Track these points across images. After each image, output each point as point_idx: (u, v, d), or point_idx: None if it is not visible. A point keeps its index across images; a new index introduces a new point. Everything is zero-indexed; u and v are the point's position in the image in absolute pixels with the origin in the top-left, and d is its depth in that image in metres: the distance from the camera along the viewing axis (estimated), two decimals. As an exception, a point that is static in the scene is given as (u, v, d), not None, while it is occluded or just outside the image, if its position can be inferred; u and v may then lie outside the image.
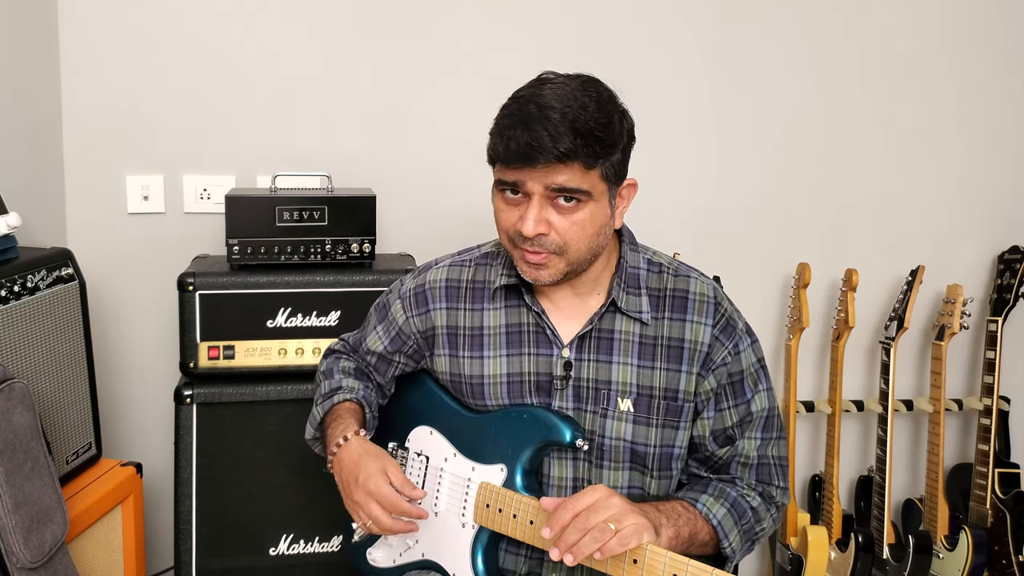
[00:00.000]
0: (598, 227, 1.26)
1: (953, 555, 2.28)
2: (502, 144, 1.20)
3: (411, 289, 1.46)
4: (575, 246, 1.25)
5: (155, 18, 2.10)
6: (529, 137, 1.17)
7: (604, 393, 1.33)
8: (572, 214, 1.22)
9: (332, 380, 1.48)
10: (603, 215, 1.26)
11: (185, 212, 2.17)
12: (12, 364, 1.56)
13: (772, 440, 1.36)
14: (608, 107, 1.23)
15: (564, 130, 1.16)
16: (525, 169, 1.20)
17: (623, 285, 1.34)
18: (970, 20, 2.37)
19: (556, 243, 1.24)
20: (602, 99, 1.23)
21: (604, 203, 1.25)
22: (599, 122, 1.19)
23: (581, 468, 1.36)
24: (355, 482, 1.29)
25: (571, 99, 1.19)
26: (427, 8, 2.18)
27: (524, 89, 1.26)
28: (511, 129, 1.19)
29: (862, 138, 2.38)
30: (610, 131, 1.21)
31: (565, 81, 1.24)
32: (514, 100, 1.24)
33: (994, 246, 2.45)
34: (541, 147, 1.16)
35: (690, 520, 1.26)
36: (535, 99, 1.20)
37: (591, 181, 1.21)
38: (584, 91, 1.22)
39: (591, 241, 1.26)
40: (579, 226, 1.23)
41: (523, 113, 1.19)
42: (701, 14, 2.28)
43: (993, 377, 2.31)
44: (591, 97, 1.21)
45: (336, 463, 1.34)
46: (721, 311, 1.34)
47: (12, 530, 1.38)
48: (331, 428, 1.39)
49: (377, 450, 1.33)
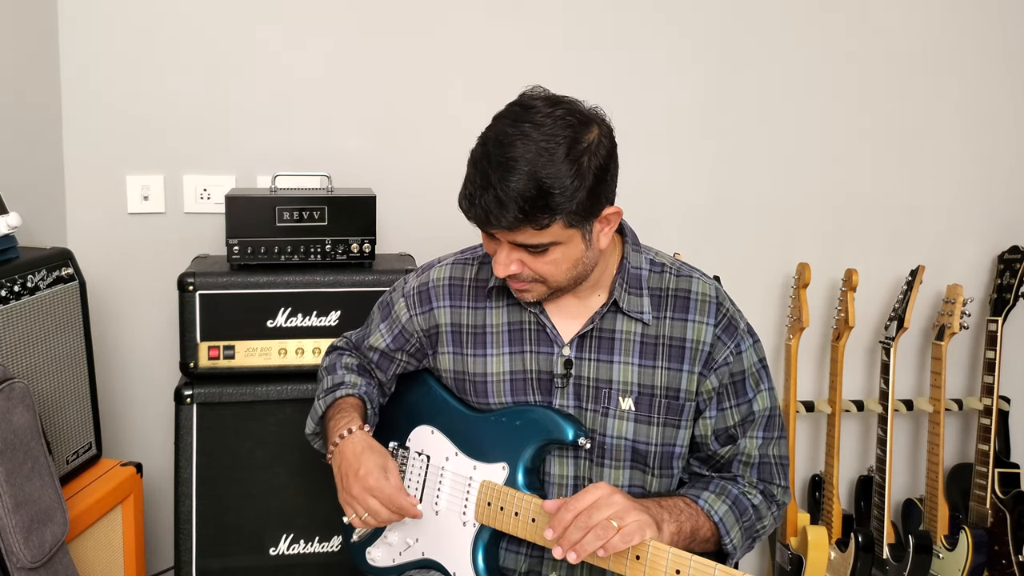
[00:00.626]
0: (573, 261, 1.26)
1: (953, 555, 2.28)
2: (464, 203, 1.22)
3: (414, 287, 1.46)
4: (553, 278, 1.27)
5: (155, 18, 2.10)
6: (484, 203, 1.19)
7: (605, 392, 1.33)
8: (543, 257, 1.24)
9: (335, 375, 1.49)
10: (576, 251, 1.25)
11: (185, 212, 2.17)
12: (12, 364, 1.56)
13: (774, 439, 1.37)
14: (573, 154, 1.18)
15: (510, 200, 1.16)
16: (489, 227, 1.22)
17: (625, 285, 1.34)
18: (970, 20, 2.37)
19: (533, 276, 1.27)
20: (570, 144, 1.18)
21: (576, 242, 1.24)
22: (546, 186, 1.16)
23: (582, 467, 1.36)
24: (354, 475, 1.29)
25: (529, 155, 1.16)
26: (427, 8, 2.18)
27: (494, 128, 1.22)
28: (471, 191, 1.21)
29: (862, 138, 2.38)
30: (565, 188, 1.17)
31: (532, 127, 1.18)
32: (482, 147, 1.22)
33: (994, 246, 2.45)
34: (494, 215, 1.18)
35: (692, 516, 1.27)
36: (497, 154, 1.18)
37: (552, 234, 1.21)
38: (552, 138, 1.17)
39: (569, 273, 1.27)
40: (553, 264, 1.25)
41: (481, 171, 1.20)
42: (700, 15, 2.28)
43: (993, 377, 2.31)
44: (552, 150, 1.17)
45: (337, 455, 1.34)
46: (723, 311, 1.35)
47: (12, 530, 1.38)
48: (333, 421, 1.40)
49: (379, 448, 1.34)
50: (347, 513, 1.32)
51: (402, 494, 1.29)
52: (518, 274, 1.26)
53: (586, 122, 1.21)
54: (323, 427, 1.45)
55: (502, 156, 1.18)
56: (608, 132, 1.24)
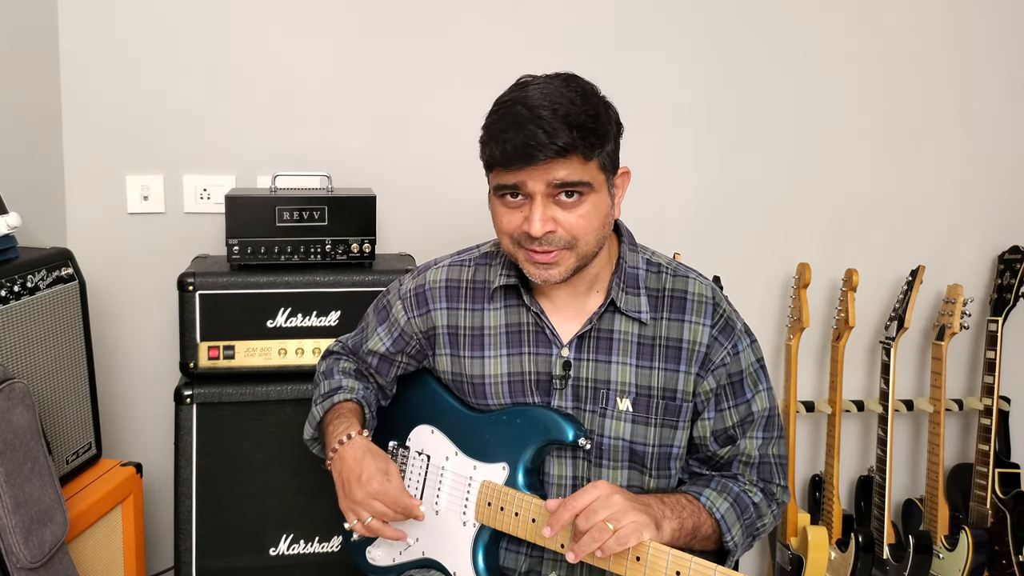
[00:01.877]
0: (603, 217, 1.27)
1: (953, 555, 2.28)
2: (498, 148, 1.20)
3: (411, 290, 1.46)
4: (584, 239, 1.25)
5: (155, 18, 2.10)
6: (525, 136, 1.17)
7: (603, 393, 1.33)
8: (576, 208, 1.23)
9: (332, 380, 1.48)
10: (605, 205, 1.27)
11: (185, 212, 2.17)
12: (12, 364, 1.56)
13: (773, 439, 1.37)
14: (593, 99, 1.24)
15: (559, 125, 1.17)
16: (526, 169, 1.20)
17: (622, 285, 1.34)
18: (970, 20, 2.37)
19: (565, 239, 1.24)
20: (586, 93, 1.24)
21: (604, 193, 1.26)
22: (589, 114, 1.21)
23: (581, 467, 1.36)
24: (357, 481, 1.29)
25: (557, 96, 1.21)
26: (427, 8, 2.18)
27: (507, 94, 1.26)
28: (505, 132, 1.19)
29: (862, 138, 2.38)
30: (600, 121, 1.22)
31: (546, 81, 1.25)
32: (500, 105, 1.24)
33: (994, 246, 2.45)
34: (539, 144, 1.17)
35: (694, 513, 1.27)
36: (522, 101, 1.21)
37: (591, 172, 1.22)
38: (567, 87, 1.23)
39: (598, 232, 1.27)
40: (585, 219, 1.24)
41: (513, 115, 1.20)
42: (700, 15, 2.28)
43: (993, 377, 2.31)
44: (576, 92, 1.23)
45: (337, 460, 1.34)
46: (720, 312, 1.35)
47: (12, 530, 1.38)
48: (331, 427, 1.39)
49: (379, 452, 1.34)
50: (348, 519, 1.32)
51: (406, 495, 1.30)
52: (552, 236, 1.23)
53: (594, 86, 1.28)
54: (321, 432, 1.45)
55: (531, 103, 1.20)
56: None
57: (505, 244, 1.30)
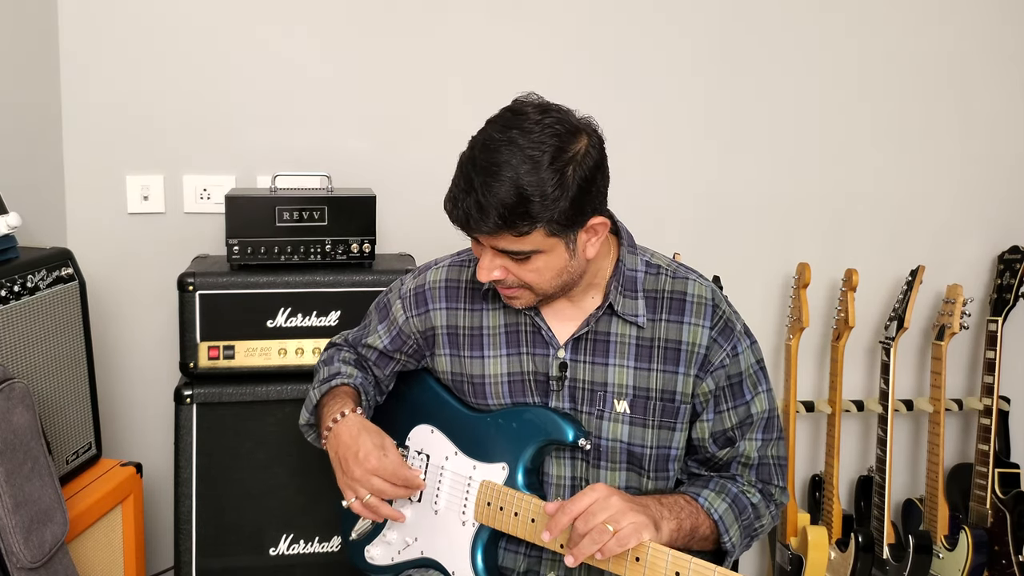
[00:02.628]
0: (557, 270, 1.25)
1: (953, 555, 2.28)
2: (449, 205, 1.22)
3: (411, 289, 1.46)
4: (539, 286, 1.27)
5: (155, 18, 2.10)
6: (466, 208, 1.19)
7: (600, 395, 1.33)
8: (526, 264, 1.24)
9: (331, 367, 1.49)
10: (560, 260, 1.24)
11: (185, 212, 2.17)
12: (12, 364, 1.56)
13: (772, 441, 1.37)
14: (557, 163, 1.17)
15: (493, 205, 1.16)
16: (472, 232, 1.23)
17: (620, 288, 1.34)
18: (970, 20, 2.37)
19: (517, 282, 1.26)
20: (554, 153, 1.17)
21: (559, 251, 1.23)
22: (530, 189, 1.16)
23: (579, 468, 1.36)
24: (354, 457, 1.29)
25: (508, 165, 1.16)
26: (427, 9, 2.18)
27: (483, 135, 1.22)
28: (455, 197, 1.21)
29: (862, 138, 2.38)
30: (546, 196, 1.16)
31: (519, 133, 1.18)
32: (469, 152, 1.22)
33: (994, 246, 2.45)
34: (474, 220, 1.19)
35: (692, 514, 1.27)
36: (483, 160, 1.18)
37: (533, 242, 1.20)
38: (538, 146, 1.17)
39: (553, 281, 1.27)
40: (536, 273, 1.25)
41: (467, 175, 1.20)
42: (700, 16, 2.28)
43: (993, 377, 2.31)
44: (543, 152, 1.17)
45: (333, 438, 1.34)
46: (719, 313, 1.35)
47: (12, 530, 1.38)
48: (326, 408, 1.40)
49: (374, 428, 1.34)
50: (347, 497, 1.31)
51: (404, 467, 1.30)
52: (503, 280, 1.26)
53: (574, 132, 1.20)
54: (317, 416, 1.45)
55: (486, 161, 1.18)
56: (597, 143, 1.23)
57: None
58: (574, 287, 1.31)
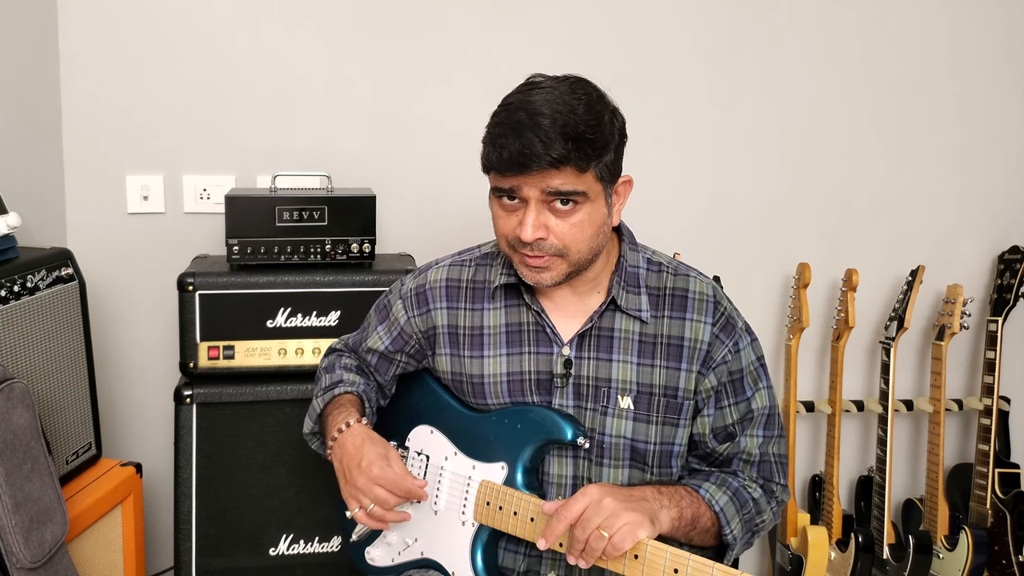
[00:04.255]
0: (597, 227, 1.26)
1: (953, 555, 2.28)
2: (495, 153, 1.21)
3: (412, 289, 1.47)
4: (575, 247, 1.25)
5: (155, 18, 2.10)
6: (521, 145, 1.18)
7: (604, 391, 1.34)
8: (570, 216, 1.23)
9: (333, 374, 1.49)
10: (600, 214, 1.26)
11: (185, 212, 2.17)
12: (12, 364, 1.56)
13: (773, 438, 1.37)
14: (598, 107, 1.23)
15: (555, 135, 1.17)
16: (520, 176, 1.20)
17: (623, 283, 1.34)
18: (971, 20, 2.37)
19: (556, 246, 1.25)
20: (591, 100, 1.23)
21: (600, 203, 1.26)
22: (589, 124, 1.20)
23: (581, 466, 1.36)
24: (357, 467, 1.29)
25: (560, 103, 1.20)
26: (427, 7, 2.18)
27: (513, 95, 1.26)
28: (503, 137, 1.20)
29: (862, 138, 2.39)
30: (601, 132, 1.21)
31: (553, 85, 1.24)
32: (504, 108, 1.24)
33: (994, 246, 2.45)
34: (534, 154, 1.17)
35: (693, 504, 1.27)
36: (524, 106, 1.20)
37: (586, 183, 1.22)
38: (573, 94, 1.22)
39: (591, 241, 1.26)
40: (578, 227, 1.24)
41: (513, 121, 1.20)
42: (702, 14, 2.28)
43: (993, 377, 2.31)
44: (580, 99, 1.22)
45: (337, 448, 1.34)
46: (721, 310, 1.35)
47: (12, 530, 1.38)
48: (331, 418, 1.40)
49: (379, 438, 1.34)
50: (351, 507, 1.31)
51: (408, 478, 1.29)
52: (543, 243, 1.24)
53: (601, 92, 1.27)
54: (321, 426, 1.45)
55: (532, 108, 1.19)
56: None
57: (501, 244, 1.31)
58: (595, 261, 1.30)
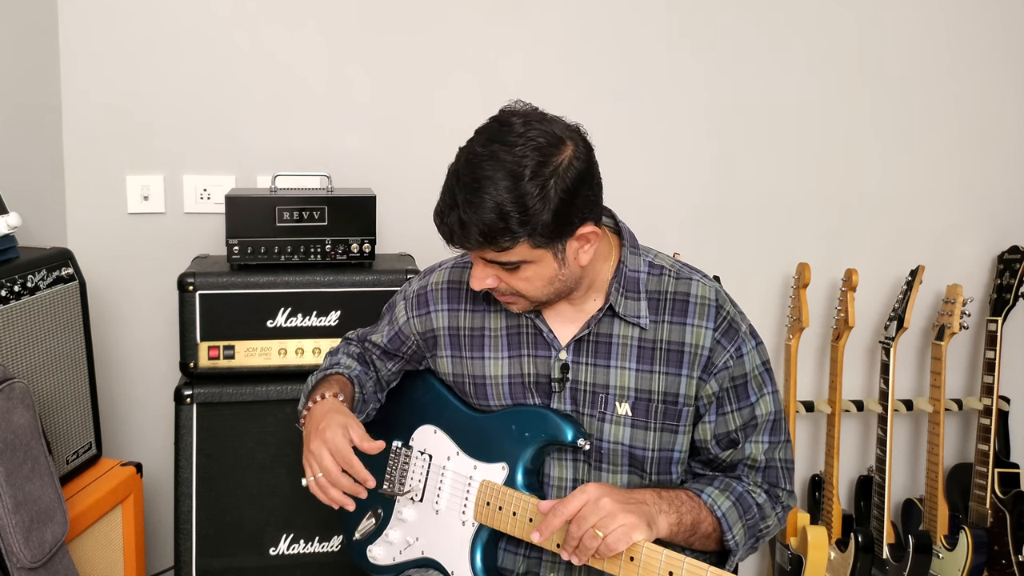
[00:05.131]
0: (547, 279, 1.26)
1: (953, 555, 2.28)
2: (437, 220, 1.23)
3: (415, 291, 1.48)
4: (532, 294, 1.27)
5: (155, 18, 2.10)
6: (451, 224, 1.20)
7: (602, 397, 1.33)
8: (516, 274, 1.25)
9: (334, 358, 1.52)
10: (549, 270, 1.24)
11: (185, 212, 2.17)
12: (12, 364, 1.56)
13: (780, 443, 1.36)
14: (538, 178, 1.17)
15: (472, 226, 1.18)
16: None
17: (622, 290, 1.33)
18: (970, 20, 2.37)
19: (511, 291, 1.27)
20: (536, 169, 1.17)
21: (547, 261, 1.23)
22: (517, 205, 1.16)
23: (580, 469, 1.35)
24: (316, 431, 1.29)
25: (487, 179, 1.17)
26: (428, 8, 2.18)
27: (465, 151, 1.23)
28: (443, 210, 1.22)
29: (862, 138, 2.39)
30: (529, 210, 1.16)
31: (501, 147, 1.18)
32: (454, 169, 1.22)
33: (994, 246, 2.45)
34: (458, 237, 1.20)
35: (693, 509, 1.26)
36: (465, 175, 1.19)
37: (518, 254, 1.21)
38: (517, 161, 1.17)
39: (545, 290, 1.27)
40: (527, 281, 1.25)
41: (452, 191, 1.20)
42: (700, 15, 2.28)
43: (993, 377, 2.31)
44: (523, 168, 1.16)
45: (307, 418, 1.35)
46: (723, 314, 1.34)
47: (12, 530, 1.38)
48: (314, 393, 1.40)
49: (347, 411, 1.33)
50: (306, 474, 1.30)
51: (349, 452, 1.26)
52: (498, 287, 1.27)
53: (558, 143, 1.19)
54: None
55: (469, 177, 1.19)
56: (583, 152, 1.21)
57: None
58: (572, 292, 1.31)
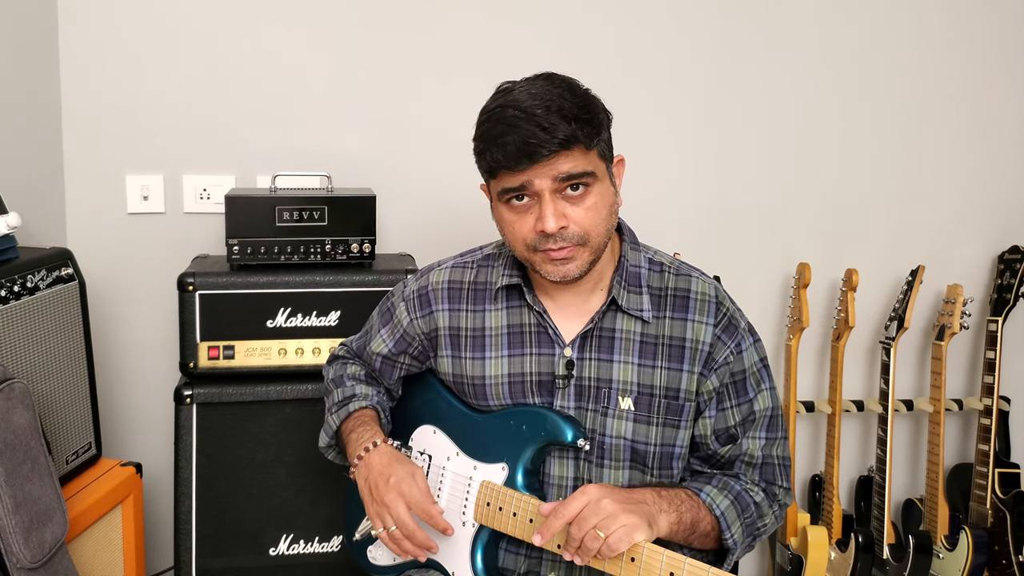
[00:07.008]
0: (608, 206, 1.28)
1: (953, 555, 2.28)
2: (499, 151, 1.20)
3: (414, 291, 1.47)
4: (595, 231, 1.26)
5: (155, 18, 2.10)
6: (524, 135, 1.18)
7: (605, 392, 1.33)
8: (583, 201, 1.24)
9: (344, 387, 1.49)
10: (609, 193, 1.28)
11: (185, 212, 2.17)
12: (12, 364, 1.56)
13: (777, 440, 1.37)
14: (580, 91, 1.26)
15: (556, 119, 1.18)
16: (531, 167, 1.20)
17: (624, 283, 1.34)
18: (969, 20, 2.37)
19: (577, 233, 1.25)
20: (572, 86, 1.26)
21: (607, 182, 1.28)
22: (580, 106, 1.22)
23: (582, 467, 1.36)
24: (385, 483, 1.29)
25: (545, 94, 1.22)
26: (427, 8, 2.18)
27: (492, 102, 1.26)
28: (502, 136, 1.20)
29: (862, 138, 2.38)
30: (593, 111, 1.24)
31: (529, 83, 1.26)
32: (488, 113, 1.25)
33: (994, 246, 2.45)
34: (540, 141, 1.18)
35: (692, 508, 1.27)
36: (511, 105, 1.21)
37: (593, 161, 1.24)
38: (552, 84, 1.25)
39: (606, 222, 1.28)
40: (593, 210, 1.25)
41: (507, 119, 1.20)
42: (700, 15, 2.28)
43: (993, 377, 2.31)
44: (562, 87, 1.24)
45: (363, 467, 1.34)
46: (723, 310, 1.35)
47: (12, 530, 1.38)
48: (354, 435, 1.40)
49: (406, 458, 1.35)
50: (376, 526, 1.31)
51: (430, 501, 1.30)
52: (565, 232, 1.23)
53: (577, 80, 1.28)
54: (338, 440, 1.45)
55: (522, 105, 1.20)
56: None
57: (519, 251, 1.30)
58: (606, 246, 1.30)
